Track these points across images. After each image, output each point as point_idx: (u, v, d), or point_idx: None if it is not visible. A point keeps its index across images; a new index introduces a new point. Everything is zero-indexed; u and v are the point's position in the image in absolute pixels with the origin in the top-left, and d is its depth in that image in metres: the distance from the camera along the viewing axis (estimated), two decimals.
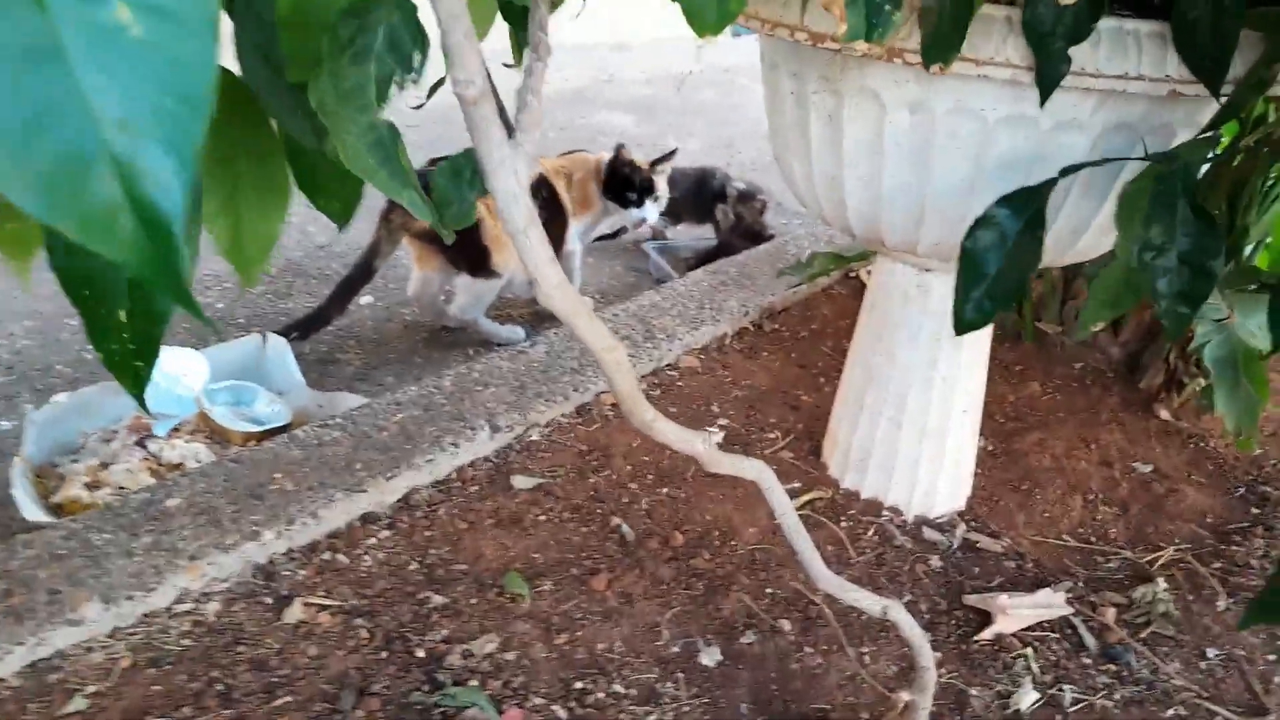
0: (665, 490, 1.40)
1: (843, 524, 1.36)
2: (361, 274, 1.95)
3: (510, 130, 0.49)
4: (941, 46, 0.87)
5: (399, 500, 1.33)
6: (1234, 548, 1.37)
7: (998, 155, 1.03)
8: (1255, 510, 1.47)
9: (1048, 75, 0.91)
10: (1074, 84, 0.93)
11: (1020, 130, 1.01)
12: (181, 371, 1.68)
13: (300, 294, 2.26)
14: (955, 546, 1.34)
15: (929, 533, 1.36)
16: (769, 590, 1.23)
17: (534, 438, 1.48)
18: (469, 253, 1.97)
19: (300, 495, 1.27)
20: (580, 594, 1.20)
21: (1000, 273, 0.91)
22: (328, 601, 1.16)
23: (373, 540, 1.26)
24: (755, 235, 2.44)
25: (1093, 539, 1.38)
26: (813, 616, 1.19)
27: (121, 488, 1.52)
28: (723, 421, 1.58)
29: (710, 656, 1.12)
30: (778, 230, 2.59)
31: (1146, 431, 1.66)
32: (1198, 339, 1.62)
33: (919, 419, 1.33)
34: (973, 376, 1.34)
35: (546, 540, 1.28)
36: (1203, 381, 1.67)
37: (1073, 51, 0.91)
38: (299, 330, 1.90)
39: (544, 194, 2.06)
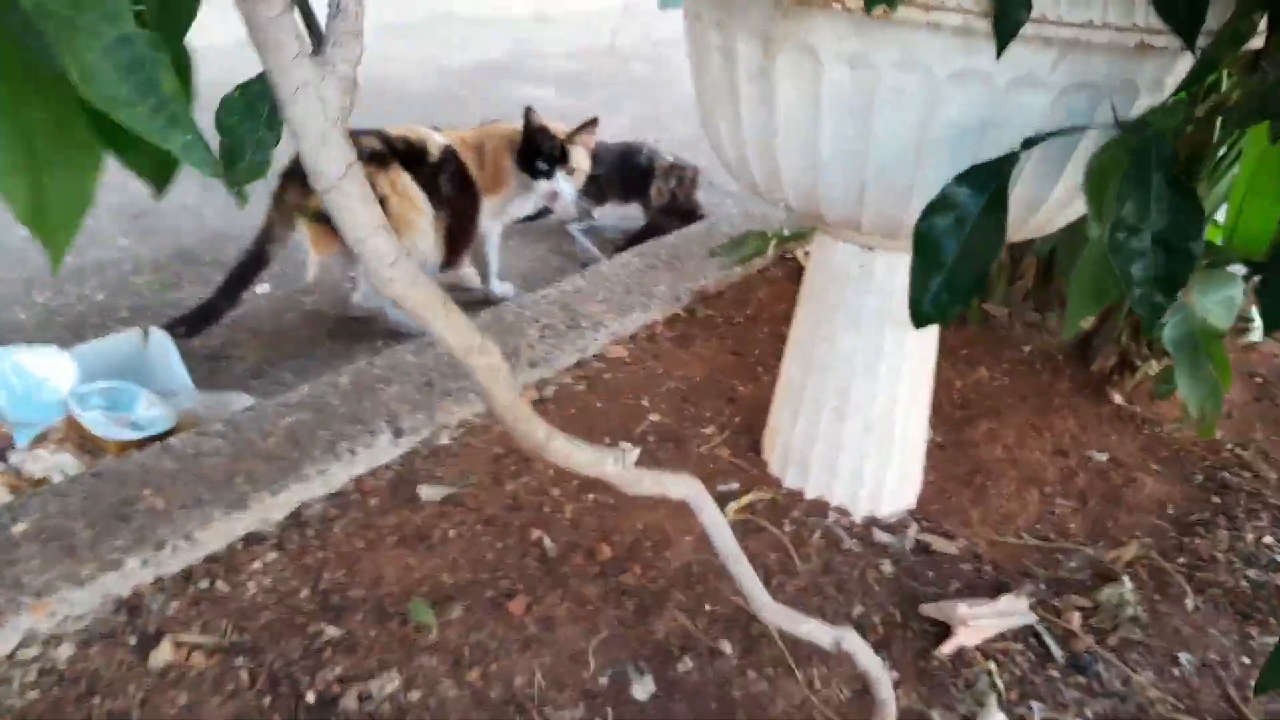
0: (592, 496, 1.27)
1: (786, 528, 1.24)
2: (254, 262, 1.77)
3: (320, 44, 0.35)
4: None
5: (288, 517, 1.18)
6: (1198, 540, 1.29)
7: (948, 117, 0.91)
8: (1215, 499, 1.39)
9: (1006, 21, 0.80)
10: (1034, 33, 0.82)
11: (973, 88, 0.89)
12: (46, 374, 1.49)
13: (191, 284, 2.07)
14: (907, 549, 1.23)
15: (879, 534, 1.25)
16: (707, 607, 1.10)
17: (443, 441, 1.34)
18: None
19: (172, 514, 1.10)
20: (495, 620, 1.06)
21: (959, 260, 0.80)
22: (202, 639, 1.01)
23: (257, 564, 1.11)
24: (686, 214, 2.31)
25: (1052, 535, 1.29)
26: (755, 635, 1.07)
27: None
28: (654, 417, 1.46)
29: (643, 687, 0.99)
30: (710, 209, 2.47)
31: (1100, 417, 1.58)
32: None
33: (864, 410, 1.22)
34: (920, 363, 1.23)
35: (457, 559, 1.14)
36: (1156, 364, 1.60)
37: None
38: (185, 324, 1.72)
39: (451, 168, 1.89)
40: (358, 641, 1.02)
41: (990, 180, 0.78)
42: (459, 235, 1.95)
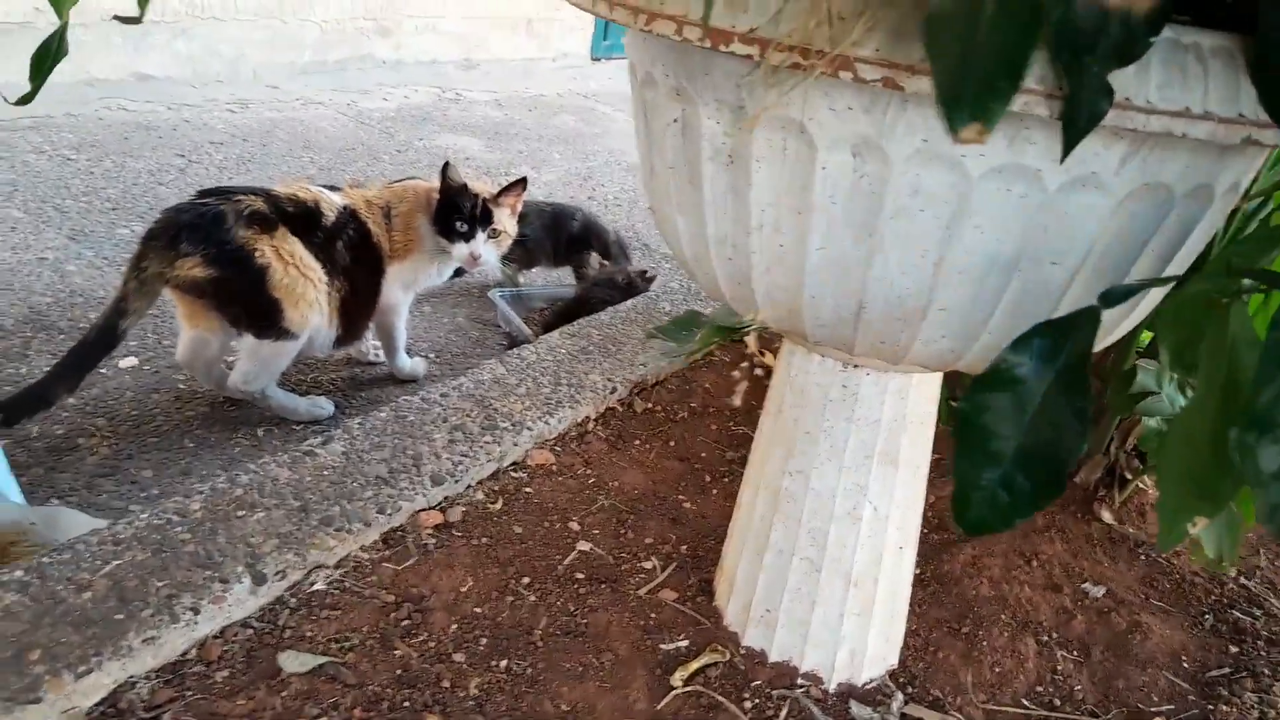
0: (504, 663, 1.01)
1: (746, 702, 1.00)
2: (102, 338, 1.47)
3: None
4: (979, 90, 0.51)
5: (102, 703, 0.89)
6: (1223, 706, 1.10)
7: (979, 226, 0.70)
8: (1234, 648, 1.20)
9: (1081, 112, 0.59)
10: (1112, 122, 0.62)
11: (1016, 188, 0.68)
12: None
13: (41, 354, 1.75)
14: None
15: (857, 709, 1.02)
16: None
17: (318, 586, 1.07)
18: (252, 308, 1.53)
19: None
20: None
21: (1024, 452, 0.58)
22: None
23: None
24: (625, 289, 2.06)
25: (1057, 701, 1.08)
26: None
27: None
28: (584, 545, 1.21)
29: None
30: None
31: (1090, 539, 1.38)
32: (1149, 431, 1.36)
33: (843, 561, 1.00)
34: (910, 505, 1.02)
35: None
36: (1150, 479, 1.42)
37: (1114, 77, 0.59)
38: (4, 411, 1.40)
39: (350, 232, 1.64)
40: None
41: (1060, 344, 0.57)
42: (358, 308, 1.69)
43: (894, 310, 0.76)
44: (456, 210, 1.74)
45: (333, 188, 1.69)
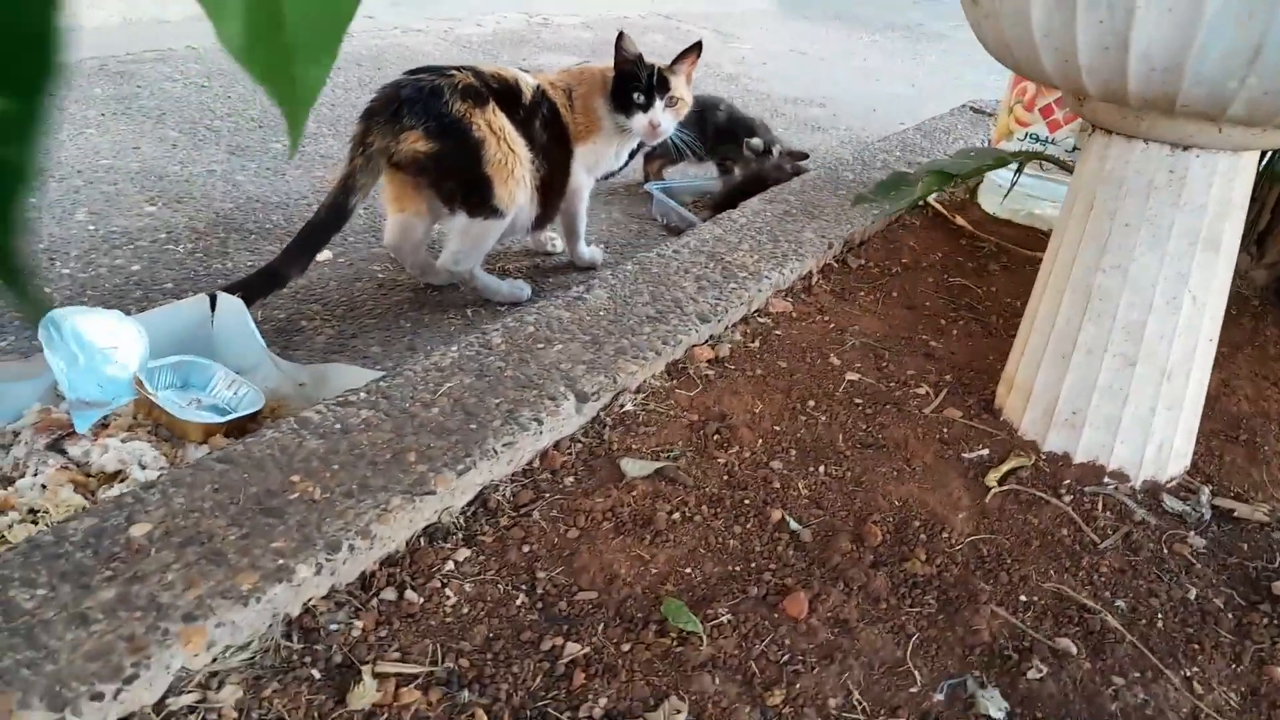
0: (822, 468, 1.04)
1: (1065, 498, 1.03)
2: (333, 217, 1.49)
3: None
4: None
5: (472, 503, 0.93)
6: None
7: None
8: None
9: None
10: None
11: None
12: (111, 343, 1.22)
13: (239, 251, 1.79)
14: (1207, 518, 1.02)
15: (1169, 501, 1.04)
16: (1022, 598, 0.88)
17: (627, 407, 1.10)
18: (466, 185, 1.55)
19: (336, 504, 0.85)
20: (774, 624, 0.83)
21: None
22: (408, 668, 0.76)
23: (450, 564, 0.86)
24: (795, 168, 2.06)
25: None
26: (1096, 630, 0.85)
27: (34, 511, 1.07)
28: (852, 376, 1.23)
29: (994, 704, 0.77)
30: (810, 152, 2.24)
31: None
32: None
33: (1158, 354, 1.01)
34: (1223, 293, 1.03)
35: (695, 548, 0.91)
36: None
37: None
38: (245, 290, 1.43)
39: (544, 111, 1.65)
40: (612, 661, 0.78)
41: None
42: (553, 188, 1.71)
43: None
44: (633, 80, 1.74)
45: (523, 69, 1.70)
